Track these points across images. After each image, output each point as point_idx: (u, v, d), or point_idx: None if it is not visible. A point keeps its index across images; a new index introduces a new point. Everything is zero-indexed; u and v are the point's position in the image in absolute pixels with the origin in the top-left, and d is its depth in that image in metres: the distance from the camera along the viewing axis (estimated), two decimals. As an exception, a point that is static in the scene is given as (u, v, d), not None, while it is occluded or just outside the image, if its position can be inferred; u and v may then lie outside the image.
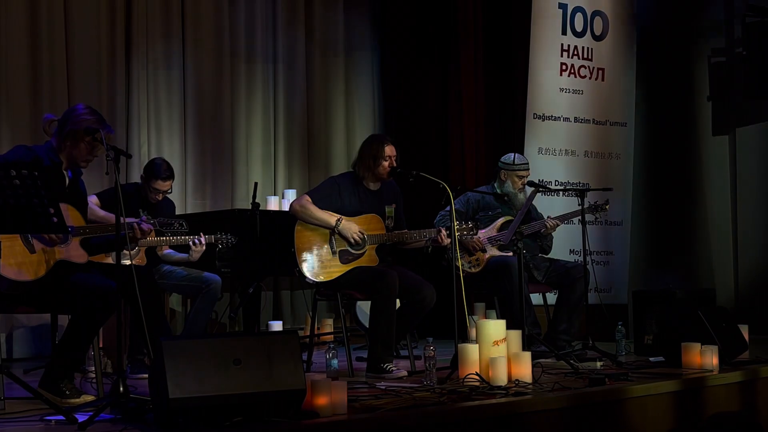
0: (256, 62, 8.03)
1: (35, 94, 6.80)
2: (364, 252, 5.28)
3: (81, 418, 3.59)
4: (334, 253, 5.26)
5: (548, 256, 6.24)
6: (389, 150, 5.36)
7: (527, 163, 6.17)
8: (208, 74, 7.71)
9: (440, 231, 5.32)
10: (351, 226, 5.22)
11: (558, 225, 6.06)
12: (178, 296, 6.83)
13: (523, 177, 6.09)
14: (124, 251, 5.32)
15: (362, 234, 5.21)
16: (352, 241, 5.21)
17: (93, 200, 5.59)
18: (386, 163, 5.33)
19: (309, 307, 5.94)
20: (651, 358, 5.52)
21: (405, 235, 5.35)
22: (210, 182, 7.70)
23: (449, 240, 5.27)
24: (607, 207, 6.16)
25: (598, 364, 5.27)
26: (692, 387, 4.67)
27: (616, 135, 7.97)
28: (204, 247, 5.62)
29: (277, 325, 6.40)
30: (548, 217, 6.09)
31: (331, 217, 5.23)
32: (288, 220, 5.39)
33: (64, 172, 4.37)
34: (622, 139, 8.00)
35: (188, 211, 7.36)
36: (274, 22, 8.18)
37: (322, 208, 5.27)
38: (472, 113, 8.37)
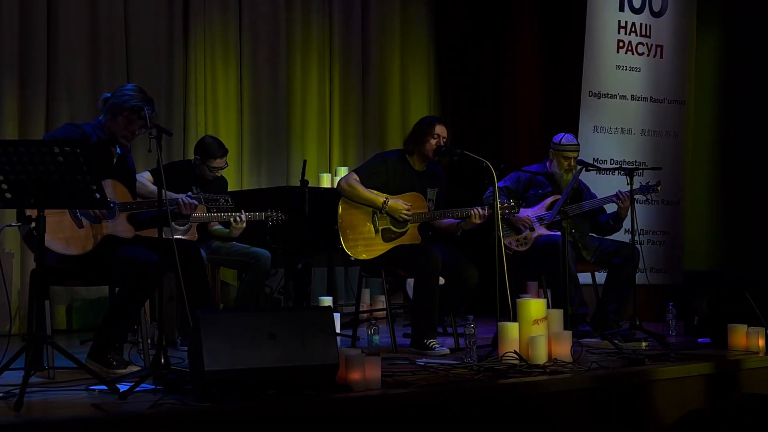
0: (312, 41, 8.08)
1: (95, 74, 6.96)
2: (407, 230, 5.34)
3: (123, 388, 3.72)
4: (377, 231, 5.33)
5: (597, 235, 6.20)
6: (439, 129, 5.42)
7: (576, 144, 6.10)
8: (264, 52, 7.79)
9: (471, 210, 5.33)
10: (399, 205, 5.28)
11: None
12: (233, 271, 6.96)
13: (570, 158, 6.03)
14: (176, 227, 5.46)
15: (409, 211, 5.27)
16: (400, 219, 5.26)
17: (146, 176, 5.73)
18: (434, 141, 5.39)
19: (355, 285, 5.99)
20: (699, 340, 5.47)
21: (448, 213, 5.38)
22: (265, 160, 7.80)
23: (481, 220, 5.30)
24: (659, 188, 6.06)
25: (643, 344, 5.24)
26: (730, 369, 4.63)
27: (674, 113, 7.84)
28: (244, 224, 5.70)
29: (327, 301, 6.47)
30: (618, 191, 5.98)
31: (378, 198, 5.29)
32: (339, 197, 5.46)
33: (112, 148, 4.49)
34: (679, 118, 7.87)
35: (244, 188, 7.49)
36: (330, 1, 8.23)
37: (368, 185, 5.34)
38: (527, 91, 8.33)
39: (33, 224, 3.80)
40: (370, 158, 5.72)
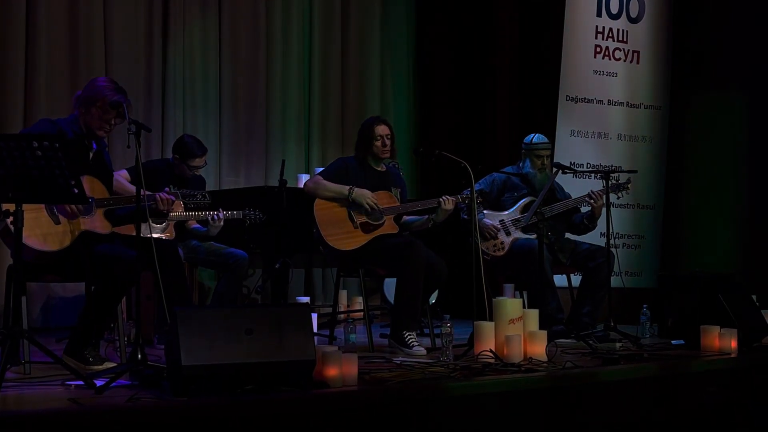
0: (292, 44, 8.11)
1: (73, 73, 6.95)
2: (384, 221, 5.42)
3: (100, 383, 3.71)
4: (356, 226, 5.39)
5: (574, 238, 6.23)
6: (380, 129, 5.54)
7: (546, 143, 6.15)
8: (243, 53, 7.81)
9: (439, 199, 5.42)
10: (364, 192, 5.38)
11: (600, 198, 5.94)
12: (211, 271, 6.96)
13: (542, 156, 6.08)
14: (153, 224, 5.45)
15: (375, 200, 5.34)
16: (367, 207, 5.33)
17: (124, 174, 5.72)
18: (378, 143, 5.52)
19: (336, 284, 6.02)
20: (673, 341, 5.53)
21: (418, 205, 5.50)
22: (244, 160, 7.82)
23: (452, 205, 5.37)
24: (629, 186, 6.11)
25: (617, 345, 5.29)
26: (707, 369, 4.69)
27: (650, 118, 7.92)
28: (222, 223, 5.73)
29: (304, 301, 6.47)
30: (591, 191, 6.01)
31: (343, 188, 5.39)
32: (313, 199, 5.49)
33: (88, 143, 4.48)
34: (656, 123, 7.95)
35: (222, 188, 7.49)
36: (311, 6, 8.25)
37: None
38: (506, 94, 8.38)
39: (10, 219, 3.79)
40: (332, 163, 5.81)
